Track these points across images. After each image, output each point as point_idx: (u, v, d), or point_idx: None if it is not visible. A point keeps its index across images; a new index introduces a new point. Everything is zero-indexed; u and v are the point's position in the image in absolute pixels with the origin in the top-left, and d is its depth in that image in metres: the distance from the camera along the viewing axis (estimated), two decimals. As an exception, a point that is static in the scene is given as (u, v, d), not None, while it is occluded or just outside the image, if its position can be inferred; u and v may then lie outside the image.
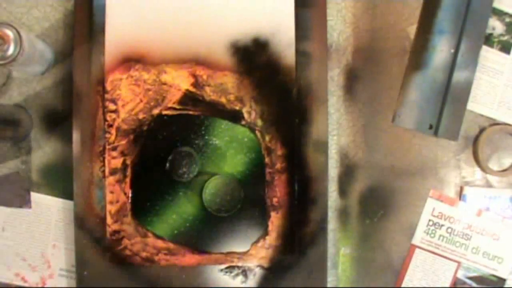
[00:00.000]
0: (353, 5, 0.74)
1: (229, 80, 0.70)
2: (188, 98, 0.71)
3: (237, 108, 0.71)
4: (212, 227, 0.71)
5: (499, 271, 0.73)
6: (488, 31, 0.73)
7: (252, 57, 0.70)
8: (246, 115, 0.71)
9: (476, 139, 0.74)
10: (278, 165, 0.71)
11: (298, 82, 0.71)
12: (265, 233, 0.71)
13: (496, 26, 0.73)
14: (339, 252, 0.73)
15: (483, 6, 0.71)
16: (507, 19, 0.73)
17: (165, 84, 0.71)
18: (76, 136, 0.70)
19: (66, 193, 0.71)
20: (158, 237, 0.70)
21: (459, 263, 0.73)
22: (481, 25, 0.72)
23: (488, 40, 0.73)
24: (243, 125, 0.71)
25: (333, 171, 0.73)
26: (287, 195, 0.70)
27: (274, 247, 0.71)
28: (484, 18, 0.72)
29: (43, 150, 0.71)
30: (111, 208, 0.70)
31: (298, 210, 0.70)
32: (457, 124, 0.71)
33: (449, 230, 0.73)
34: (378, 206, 0.74)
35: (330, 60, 0.73)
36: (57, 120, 0.72)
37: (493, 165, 0.74)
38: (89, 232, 0.69)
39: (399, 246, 0.73)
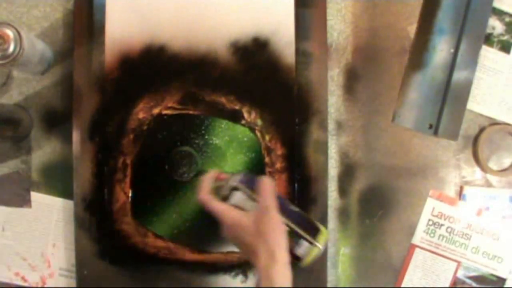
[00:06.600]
0: (353, 5, 0.74)
1: (229, 80, 0.70)
2: (188, 98, 0.71)
3: (237, 107, 0.71)
4: (212, 227, 0.71)
5: (499, 270, 0.73)
6: (488, 31, 0.73)
7: (252, 56, 0.70)
8: (246, 115, 0.71)
9: (476, 139, 0.74)
10: (278, 165, 0.71)
11: (298, 81, 0.71)
12: (265, 233, 0.71)
13: (496, 26, 0.73)
14: (339, 252, 0.73)
15: (483, 6, 0.71)
16: (507, 19, 0.73)
17: (165, 84, 0.71)
18: (76, 136, 0.70)
19: (66, 193, 0.71)
20: (158, 237, 0.70)
21: (459, 262, 0.73)
22: (481, 25, 0.72)
23: (488, 40, 0.73)
24: (243, 125, 0.71)
25: (333, 170, 0.73)
26: (287, 195, 0.70)
27: (274, 247, 0.70)
28: (484, 18, 0.72)
29: (43, 150, 0.71)
30: (111, 208, 0.70)
31: (298, 210, 0.70)
32: (457, 124, 0.71)
33: (449, 229, 0.73)
34: (378, 206, 0.73)
35: (330, 59, 0.73)
36: (57, 120, 0.72)
37: (493, 165, 0.74)
38: (89, 232, 0.69)
39: (399, 245, 0.73)
